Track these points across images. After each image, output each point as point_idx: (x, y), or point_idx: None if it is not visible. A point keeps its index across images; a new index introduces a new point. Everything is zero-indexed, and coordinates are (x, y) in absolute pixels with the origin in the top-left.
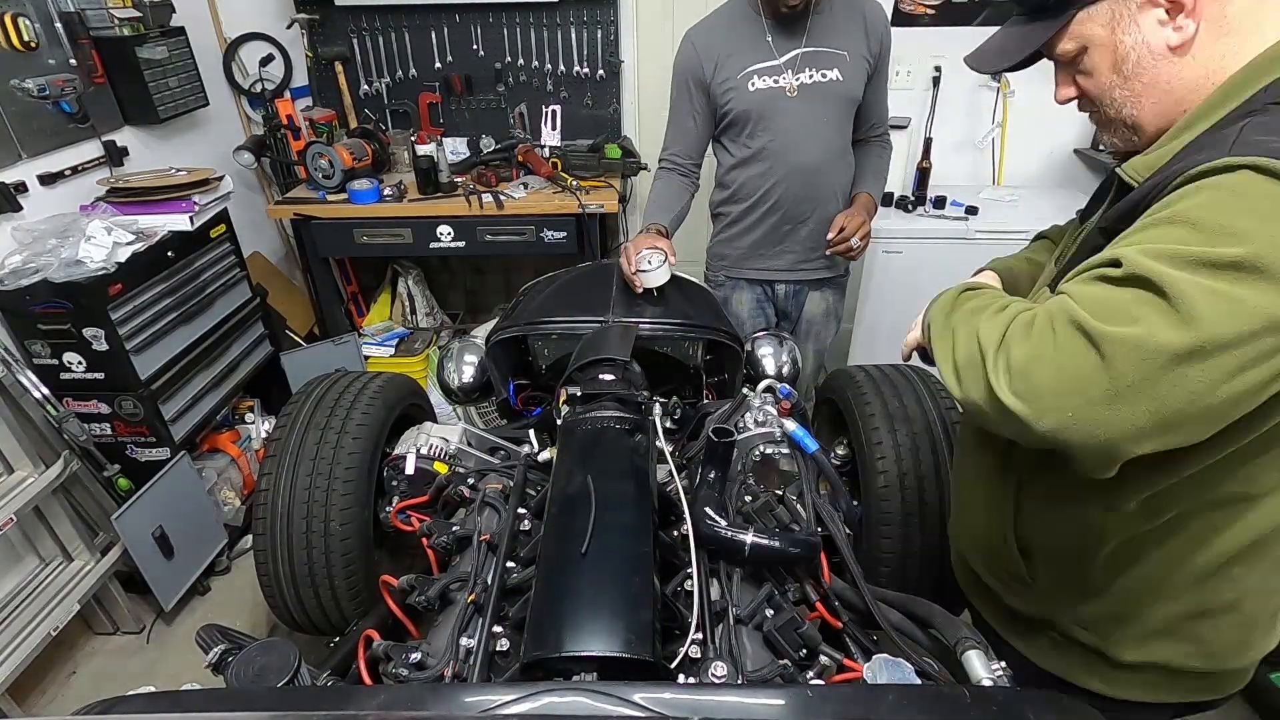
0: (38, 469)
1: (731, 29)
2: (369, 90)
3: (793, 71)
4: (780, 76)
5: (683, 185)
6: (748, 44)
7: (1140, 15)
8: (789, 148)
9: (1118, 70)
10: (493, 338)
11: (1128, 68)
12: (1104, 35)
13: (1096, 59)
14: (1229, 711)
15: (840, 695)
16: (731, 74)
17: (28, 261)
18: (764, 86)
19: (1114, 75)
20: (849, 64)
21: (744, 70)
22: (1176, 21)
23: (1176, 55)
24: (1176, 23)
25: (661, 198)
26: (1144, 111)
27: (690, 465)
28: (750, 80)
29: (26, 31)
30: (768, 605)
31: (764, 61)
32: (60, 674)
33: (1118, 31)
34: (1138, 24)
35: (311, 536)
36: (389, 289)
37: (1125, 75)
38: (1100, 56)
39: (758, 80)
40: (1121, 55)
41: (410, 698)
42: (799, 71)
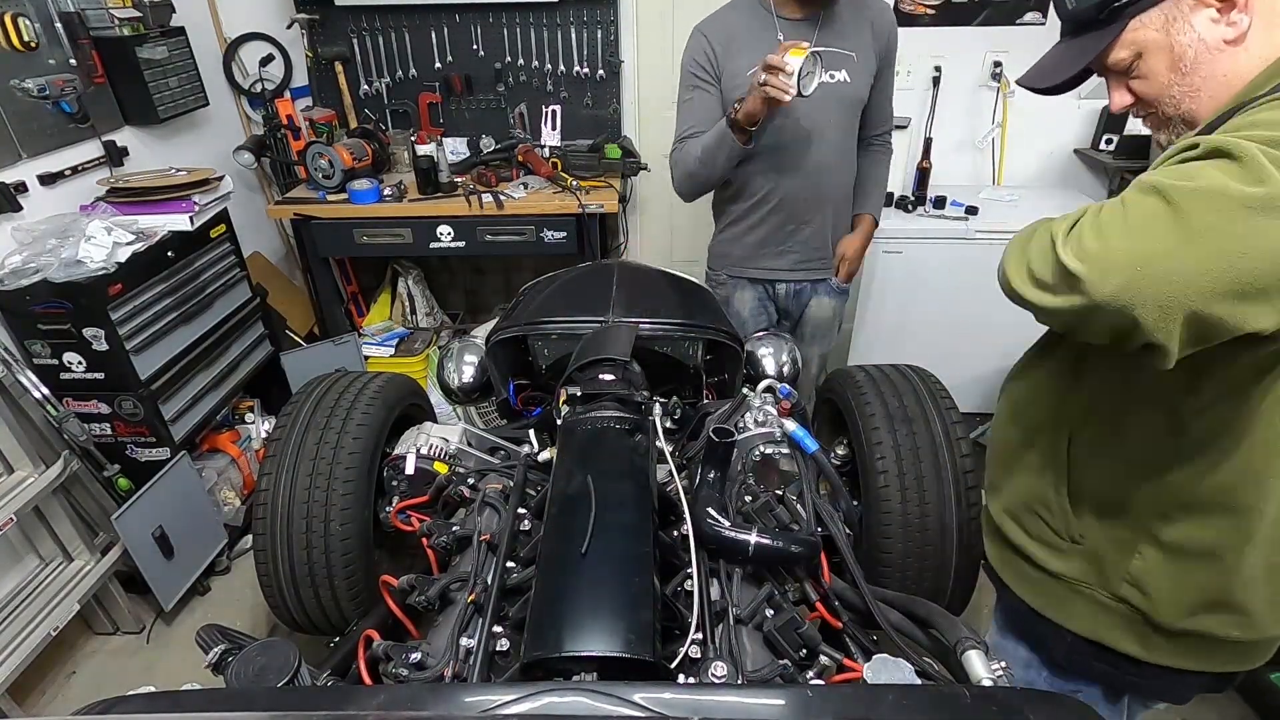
0: (38, 469)
1: (741, 25)
2: (369, 90)
3: None
4: None
5: None
6: (757, 41)
7: (1193, 16)
8: (795, 148)
9: (1176, 69)
10: (493, 338)
11: (1185, 65)
12: (1159, 39)
13: (1153, 62)
14: (1229, 711)
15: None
16: (741, 70)
17: (28, 261)
18: None
19: (1173, 74)
20: (856, 65)
21: (753, 68)
22: (1230, 17)
23: (1232, 48)
24: (1230, 18)
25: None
26: (1201, 105)
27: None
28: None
29: (26, 31)
30: (768, 605)
31: None
32: (60, 674)
33: (1173, 33)
34: (1191, 24)
35: (311, 536)
36: (389, 289)
37: (1184, 72)
38: (1157, 60)
39: None
40: (1178, 55)
41: (410, 698)
42: None
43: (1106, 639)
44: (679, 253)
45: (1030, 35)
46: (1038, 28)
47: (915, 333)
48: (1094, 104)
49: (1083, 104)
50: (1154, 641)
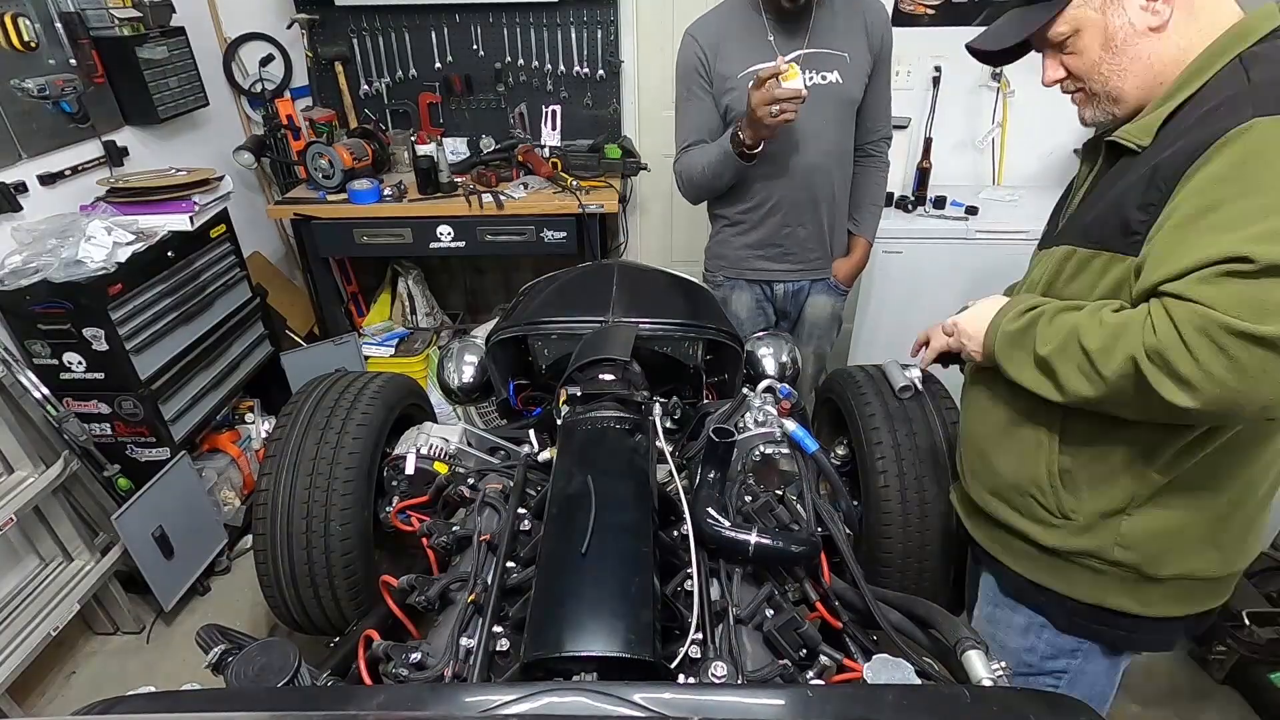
0: (38, 469)
1: (732, 27)
2: (369, 90)
3: None
4: None
5: None
6: (748, 43)
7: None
8: (789, 149)
9: (1107, 48)
10: (493, 338)
11: (1115, 45)
12: (1096, 18)
13: (1088, 39)
14: (1229, 711)
15: (840, 695)
16: (732, 73)
17: (28, 261)
18: None
19: (1104, 53)
20: (849, 66)
21: (745, 70)
22: (1155, 6)
23: (1155, 34)
24: (1155, 7)
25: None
26: (1126, 84)
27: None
28: (750, 80)
29: (26, 31)
30: (768, 605)
31: (764, 62)
32: (60, 674)
33: (1108, 14)
34: (1124, 7)
35: (311, 536)
36: (389, 289)
37: (1113, 51)
38: (1091, 37)
39: None
40: (1110, 35)
41: (410, 698)
42: None
43: (1106, 601)
44: (679, 253)
45: None
46: None
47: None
48: None
49: None
50: (1149, 596)
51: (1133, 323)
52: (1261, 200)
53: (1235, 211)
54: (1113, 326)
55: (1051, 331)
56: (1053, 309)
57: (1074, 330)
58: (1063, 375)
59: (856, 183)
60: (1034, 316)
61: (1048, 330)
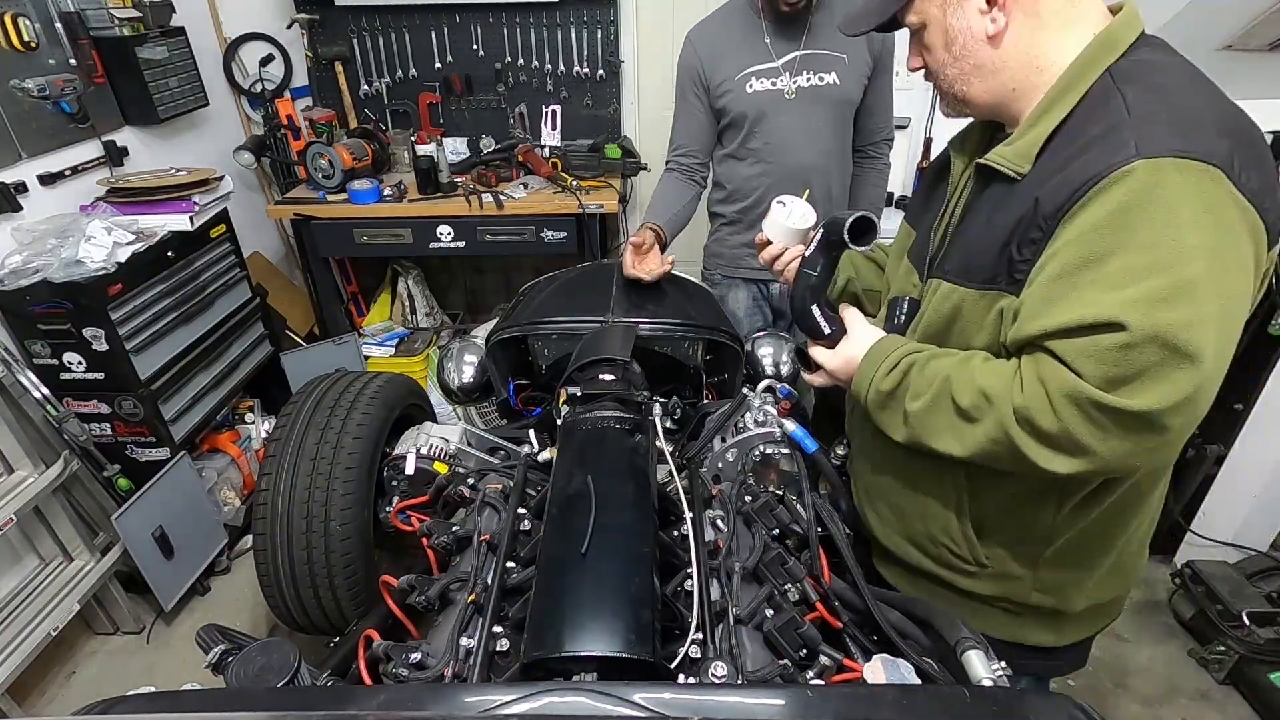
0: (38, 469)
1: (730, 29)
2: (369, 90)
3: (790, 74)
4: (778, 79)
5: (685, 187)
6: (746, 45)
7: (965, 3)
8: (785, 150)
9: (949, 49)
10: (493, 338)
11: (956, 48)
12: (938, 15)
13: (933, 36)
14: (1229, 711)
15: (840, 695)
16: (729, 75)
17: (28, 261)
18: (761, 89)
19: (946, 53)
20: (847, 67)
21: (741, 72)
22: (992, 13)
23: (994, 43)
24: (992, 14)
25: (661, 200)
26: (972, 89)
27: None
28: (748, 82)
29: (26, 31)
30: (768, 605)
31: (761, 63)
32: (60, 674)
33: (948, 14)
34: (963, 9)
35: (311, 536)
36: (389, 289)
37: (955, 55)
38: (935, 34)
39: (755, 82)
40: (951, 36)
41: (410, 698)
42: (796, 75)
43: (1024, 638)
44: (678, 252)
45: None
46: None
47: None
48: None
49: None
50: (1066, 628)
51: (1002, 379)
52: (1141, 258)
53: (1114, 268)
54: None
55: (923, 382)
56: (924, 357)
57: (945, 383)
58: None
59: (855, 184)
60: (905, 366)
61: (919, 380)
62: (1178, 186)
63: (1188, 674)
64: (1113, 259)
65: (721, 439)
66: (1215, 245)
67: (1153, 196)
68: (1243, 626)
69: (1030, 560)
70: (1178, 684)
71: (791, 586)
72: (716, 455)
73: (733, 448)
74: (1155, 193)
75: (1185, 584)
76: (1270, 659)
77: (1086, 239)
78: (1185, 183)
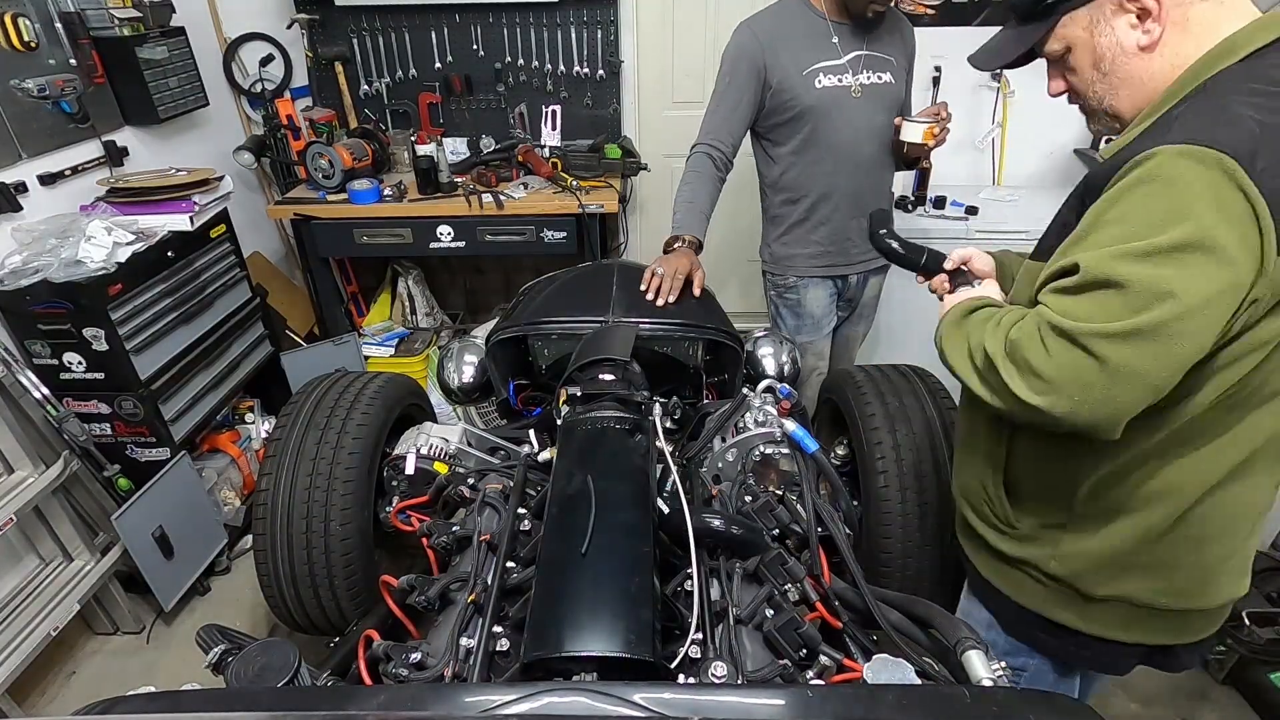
0: (38, 469)
1: (793, 25)
2: (369, 90)
3: (853, 72)
4: (844, 76)
5: (715, 180)
6: (811, 41)
7: (1114, 20)
8: (852, 146)
9: (1097, 67)
10: (493, 338)
11: (1105, 65)
12: (1084, 37)
13: (1079, 57)
14: (1229, 711)
15: (840, 695)
16: (794, 71)
17: (28, 261)
18: (829, 85)
19: (1094, 71)
20: (896, 69)
21: (809, 67)
22: (1145, 25)
23: (1146, 54)
24: (1145, 26)
25: (694, 197)
26: (1121, 102)
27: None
28: (816, 77)
29: (26, 31)
30: (768, 605)
31: (829, 60)
32: (60, 674)
33: (1096, 34)
34: (1112, 27)
35: (311, 536)
36: (389, 289)
37: (1104, 72)
38: (1082, 55)
39: (823, 78)
40: (1099, 54)
41: (410, 698)
42: (859, 73)
43: (1046, 611)
44: None
45: None
46: None
47: (915, 333)
48: None
49: None
50: (1090, 613)
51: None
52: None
53: (1102, 233)
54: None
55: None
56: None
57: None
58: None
59: None
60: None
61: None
62: (1186, 168)
63: (1188, 674)
64: (1105, 225)
65: (721, 439)
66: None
67: (1160, 175)
68: (1243, 626)
69: (1054, 528)
70: (1178, 684)
71: (791, 586)
72: (716, 455)
73: (733, 448)
74: (1163, 172)
75: None
76: (1270, 659)
77: (1095, 210)
78: (1194, 166)
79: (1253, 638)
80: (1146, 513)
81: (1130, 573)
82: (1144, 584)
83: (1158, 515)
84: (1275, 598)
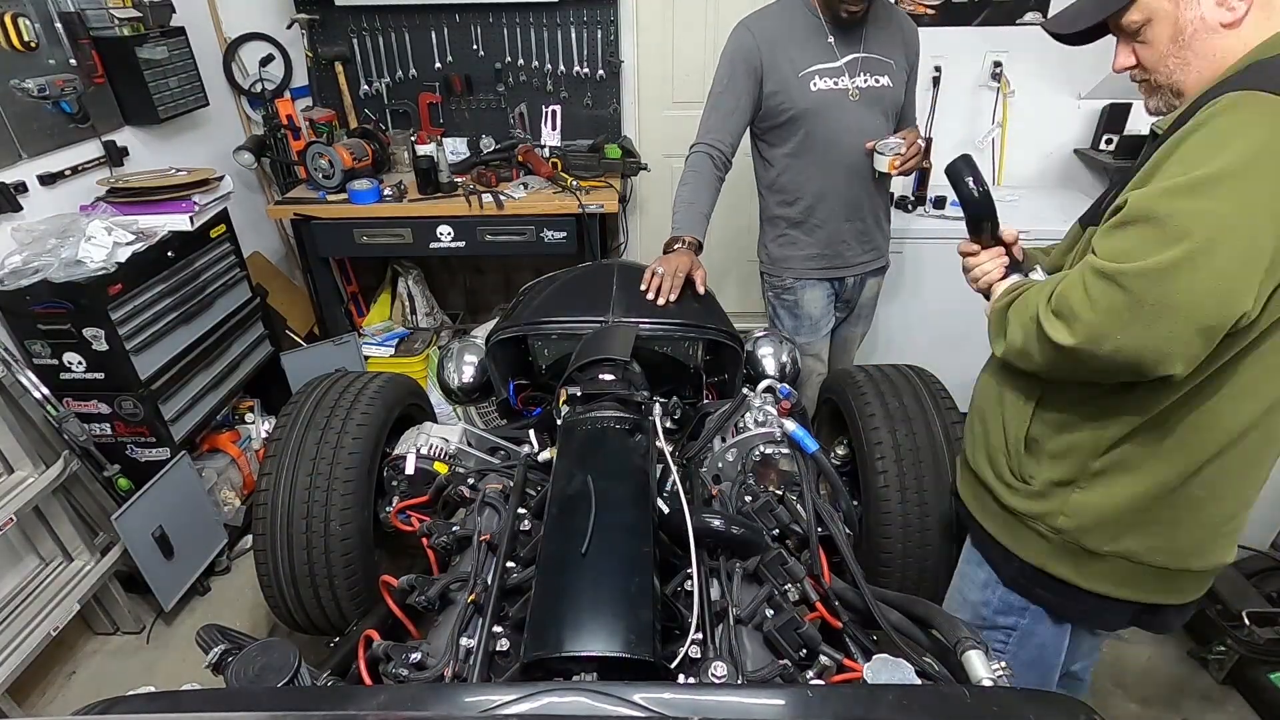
0: (38, 469)
1: (792, 25)
2: (369, 90)
3: (850, 75)
4: (840, 79)
5: (715, 179)
6: (808, 43)
7: None
8: (848, 149)
9: (1175, 40)
10: (493, 338)
11: (1184, 38)
12: (1169, 9)
13: (1159, 30)
14: (1229, 711)
15: (840, 695)
16: (791, 73)
17: (28, 261)
18: (825, 88)
19: (1171, 44)
20: (895, 72)
21: (805, 70)
22: (1231, 2)
23: (1227, 30)
24: (1230, 3)
25: (695, 197)
26: (1189, 77)
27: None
28: (811, 80)
29: (26, 31)
30: (768, 605)
31: (825, 62)
32: (60, 674)
33: (1180, 6)
34: (1199, 1)
35: (311, 536)
36: (389, 289)
37: (1181, 45)
38: (1162, 28)
39: (819, 81)
40: (1180, 27)
41: (410, 698)
42: (855, 75)
43: (1048, 567)
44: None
45: (1030, 35)
46: (1038, 27)
47: (915, 333)
48: (1094, 104)
49: (1082, 104)
50: (1089, 569)
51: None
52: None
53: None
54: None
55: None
56: None
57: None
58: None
59: None
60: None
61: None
62: (1247, 109)
63: (1188, 674)
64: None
65: (721, 439)
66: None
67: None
68: (1243, 626)
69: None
70: (1178, 684)
71: (791, 586)
72: (716, 455)
73: (733, 448)
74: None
75: None
76: (1270, 659)
77: (1156, 158)
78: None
79: (1253, 638)
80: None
81: (1133, 530)
82: (1144, 541)
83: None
84: (1275, 598)
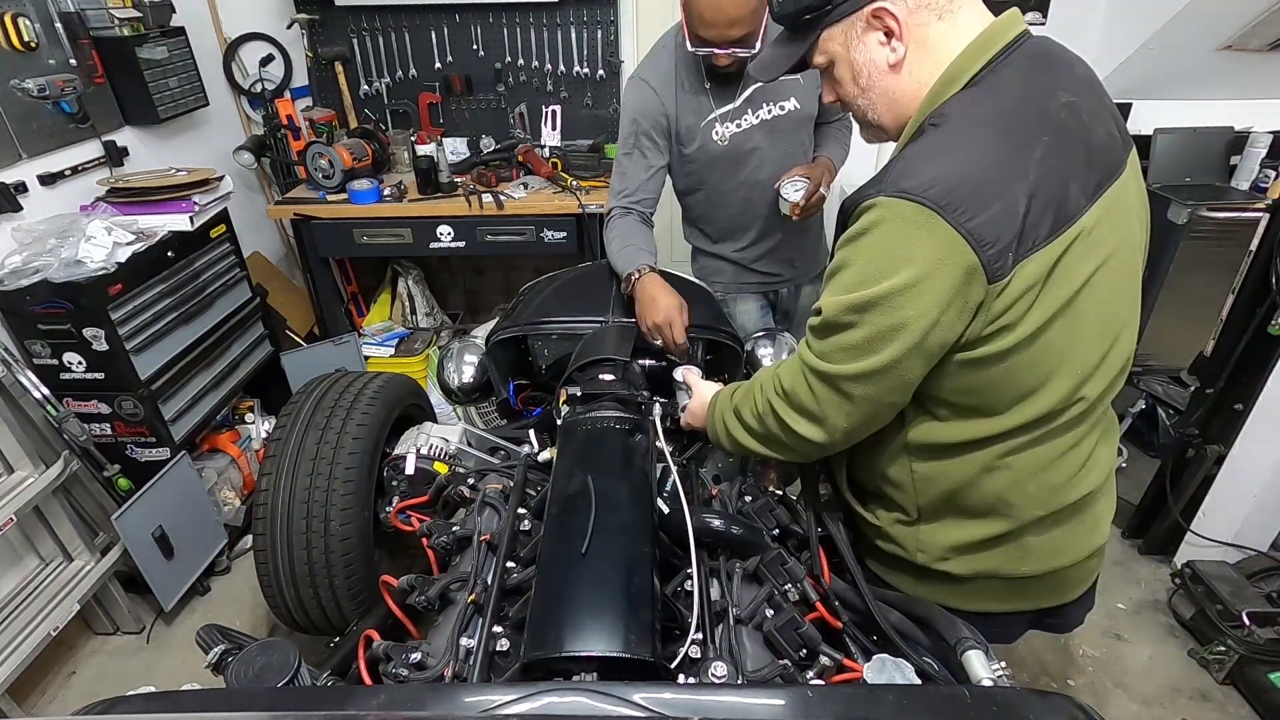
0: (38, 469)
1: (683, 73)
2: (369, 90)
3: (752, 110)
4: (743, 118)
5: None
6: (703, 89)
7: (865, 37)
8: (757, 176)
9: (856, 82)
10: (493, 338)
11: (863, 80)
12: (842, 53)
13: (841, 71)
14: (1229, 711)
15: (840, 695)
16: (694, 124)
17: (28, 261)
18: (729, 131)
19: (854, 86)
20: (801, 88)
21: (706, 119)
22: (891, 44)
23: (895, 72)
24: (891, 45)
25: (636, 239)
26: (882, 116)
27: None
28: (713, 128)
29: (26, 31)
30: (768, 605)
31: (725, 104)
32: (60, 674)
33: (851, 49)
34: (865, 44)
35: (311, 536)
36: (389, 289)
37: (862, 87)
38: (843, 70)
39: (720, 126)
40: (856, 70)
41: (410, 698)
42: (759, 109)
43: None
44: (678, 253)
45: None
46: (1037, 28)
47: None
48: None
49: None
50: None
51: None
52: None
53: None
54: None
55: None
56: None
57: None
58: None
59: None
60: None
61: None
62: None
63: (1188, 674)
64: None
65: None
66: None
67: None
68: (1243, 626)
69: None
70: (1178, 684)
71: (791, 586)
72: (717, 455)
73: None
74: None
75: (1185, 584)
76: (1270, 659)
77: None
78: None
79: (1253, 638)
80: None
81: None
82: (1004, 559)
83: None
84: (1275, 598)
